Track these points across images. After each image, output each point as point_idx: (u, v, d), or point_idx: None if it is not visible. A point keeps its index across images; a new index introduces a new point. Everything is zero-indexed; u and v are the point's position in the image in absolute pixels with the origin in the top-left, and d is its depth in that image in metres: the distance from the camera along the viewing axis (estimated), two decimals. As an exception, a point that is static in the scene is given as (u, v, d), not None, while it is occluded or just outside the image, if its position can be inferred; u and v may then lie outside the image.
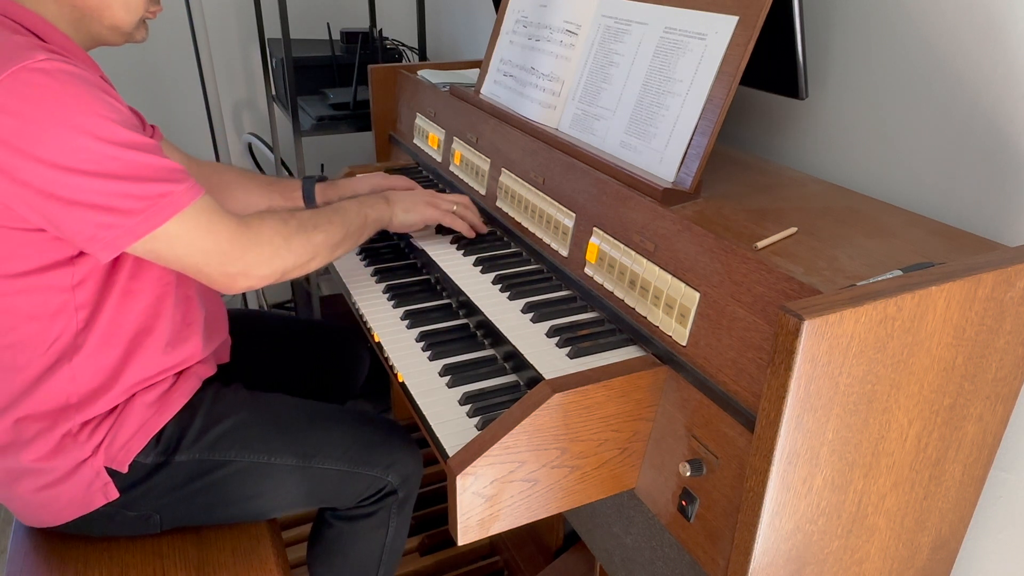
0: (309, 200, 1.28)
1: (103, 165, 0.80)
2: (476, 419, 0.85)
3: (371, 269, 1.22)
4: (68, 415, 0.95)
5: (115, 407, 0.98)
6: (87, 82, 0.81)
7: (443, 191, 1.38)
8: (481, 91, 1.33)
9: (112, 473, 0.98)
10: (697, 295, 0.78)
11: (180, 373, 1.04)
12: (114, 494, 0.99)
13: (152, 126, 1.14)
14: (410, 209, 1.15)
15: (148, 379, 1.00)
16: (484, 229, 1.22)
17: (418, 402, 0.89)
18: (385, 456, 1.11)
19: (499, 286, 1.05)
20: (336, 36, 2.07)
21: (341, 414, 1.14)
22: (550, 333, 0.93)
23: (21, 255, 0.86)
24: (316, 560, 1.21)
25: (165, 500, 1.02)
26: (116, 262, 0.92)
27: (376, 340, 1.02)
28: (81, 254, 0.88)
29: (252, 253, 0.93)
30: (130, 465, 0.98)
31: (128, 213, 0.82)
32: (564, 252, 1.03)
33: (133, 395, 0.99)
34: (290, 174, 2.24)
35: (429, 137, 1.46)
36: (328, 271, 1.31)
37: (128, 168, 0.81)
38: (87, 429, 0.96)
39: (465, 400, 0.88)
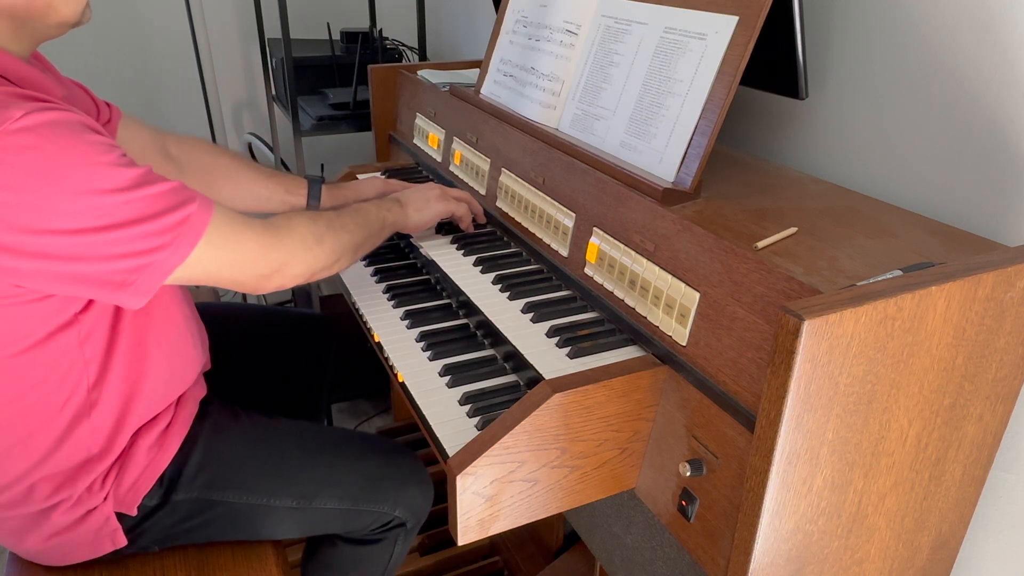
0: (314, 199, 1.26)
1: (118, 215, 0.75)
2: (476, 419, 0.85)
3: (371, 269, 1.22)
4: (91, 467, 0.92)
5: (125, 449, 0.95)
6: (69, 126, 0.74)
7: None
8: (481, 91, 1.33)
9: (120, 517, 0.96)
10: (697, 295, 0.78)
11: (178, 401, 1.01)
12: (122, 541, 0.96)
13: (107, 104, 1.08)
14: (422, 207, 1.14)
15: (151, 413, 0.96)
16: (483, 219, 1.23)
17: (418, 402, 0.89)
18: (393, 491, 1.07)
19: (499, 286, 1.05)
20: (336, 36, 2.07)
21: (347, 445, 1.09)
22: (550, 333, 0.93)
23: (27, 328, 0.82)
24: (313, 572, 1.18)
25: (163, 536, 1.00)
26: (120, 308, 0.88)
27: (376, 340, 1.02)
28: (85, 309, 0.84)
29: (284, 251, 0.90)
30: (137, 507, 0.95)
31: (157, 250, 0.78)
32: (564, 252, 1.03)
33: (137, 434, 0.95)
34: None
35: (429, 137, 1.46)
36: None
37: (143, 208, 0.76)
38: (100, 478, 0.93)
39: (465, 400, 0.88)
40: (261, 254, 0.87)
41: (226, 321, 1.30)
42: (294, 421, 1.10)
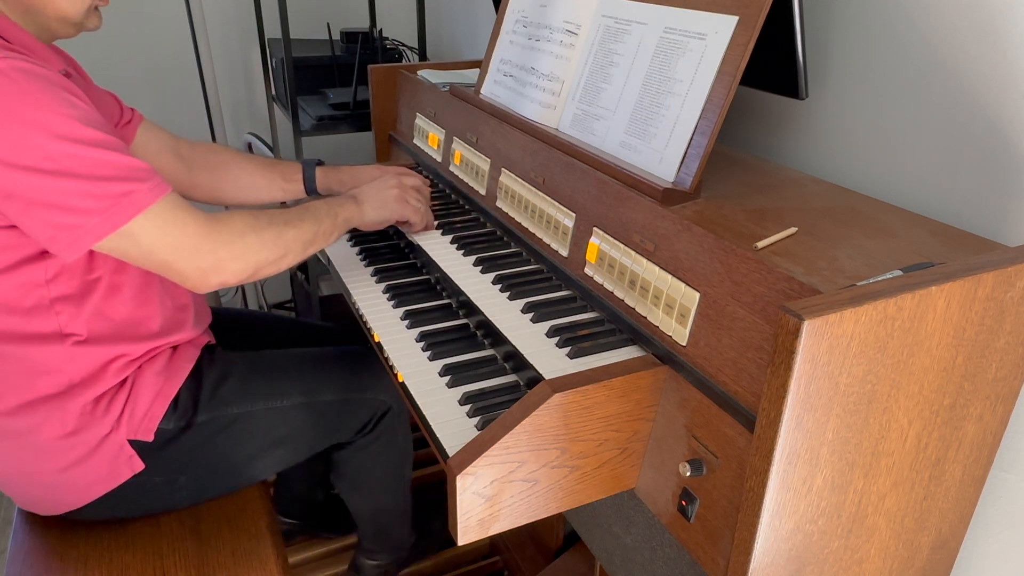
0: (309, 182, 1.30)
1: (61, 163, 0.78)
2: (476, 419, 0.85)
3: (371, 269, 1.22)
4: (75, 392, 0.96)
5: (124, 381, 1.00)
6: (44, 79, 0.79)
7: (442, 191, 1.38)
8: (481, 91, 1.33)
9: (135, 444, 1.00)
10: (697, 295, 0.78)
11: (176, 347, 1.08)
12: (139, 465, 1.01)
13: (131, 109, 1.15)
14: (380, 207, 1.16)
15: (147, 354, 1.03)
16: (432, 228, 1.23)
17: (418, 402, 0.89)
18: (374, 378, 1.19)
19: (499, 286, 1.05)
20: (336, 36, 2.07)
21: (328, 353, 1.21)
22: (550, 333, 0.93)
23: None
24: (347, 491, 1.30)
25: (190, 459, 1.06)
26: (96, 256, 0.92)
27: (376, 340, 1.02)
28: None
29: (223, 247, 0.92)
30: (155, 433, 1.01)
31: (88, 212, 0.80)
32: (564, 252, 1.03)
33: (140, 369, 1.02)
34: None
35: (429, 137, 1.46)
36: (328, 271, 1.31)
37: (87, 166, 0.79)
38: (101, 404, 0.98)
39: (465, 400, 0.88)
40: (198, 243, 0.90)
41: (243, 328, 1.37)
42: (280, 349, 1.22)
